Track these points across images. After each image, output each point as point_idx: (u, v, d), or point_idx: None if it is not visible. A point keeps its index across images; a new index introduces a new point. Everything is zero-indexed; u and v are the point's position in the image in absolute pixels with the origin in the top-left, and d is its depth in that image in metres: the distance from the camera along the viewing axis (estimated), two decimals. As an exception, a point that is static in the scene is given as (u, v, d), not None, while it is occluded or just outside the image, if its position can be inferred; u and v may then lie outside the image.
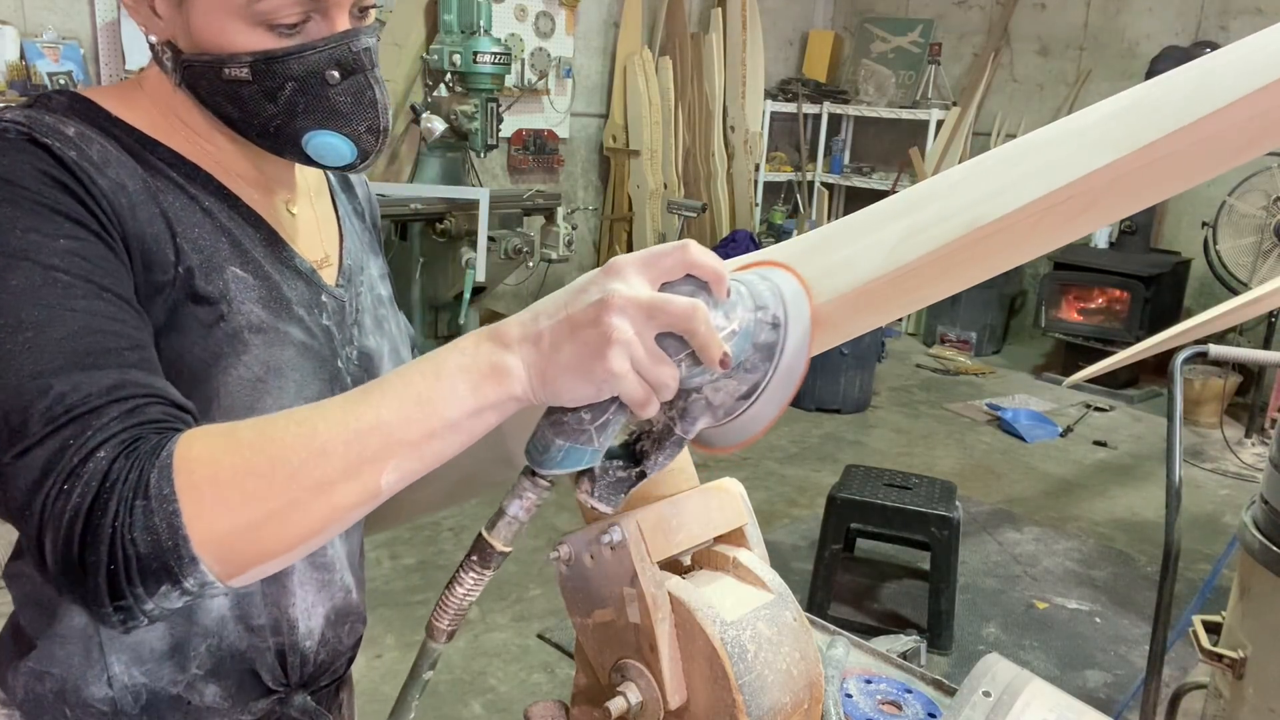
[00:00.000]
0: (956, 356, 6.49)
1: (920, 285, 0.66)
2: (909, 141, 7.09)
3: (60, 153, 0.71)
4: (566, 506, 3.87)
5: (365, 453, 0.59)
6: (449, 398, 0.59)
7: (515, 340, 0.60)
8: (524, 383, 0.60)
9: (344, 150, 0.81)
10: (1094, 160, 0.58)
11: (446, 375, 0.60)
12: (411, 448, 0.60)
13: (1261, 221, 5.13)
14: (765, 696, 0.70)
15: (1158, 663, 2.03)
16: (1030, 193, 0.59)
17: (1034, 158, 0.61)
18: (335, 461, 0.59)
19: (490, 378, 0.60)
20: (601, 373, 0.57)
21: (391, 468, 0.60)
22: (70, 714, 0.84)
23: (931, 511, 3.00)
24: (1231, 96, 0.54)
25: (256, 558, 0.60)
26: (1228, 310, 1.90)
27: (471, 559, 0.64)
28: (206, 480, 0.58)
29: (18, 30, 4.05)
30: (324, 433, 0.59)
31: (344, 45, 0.78)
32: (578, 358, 0.58)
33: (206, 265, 0.78)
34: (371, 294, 0.98)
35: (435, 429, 0.60)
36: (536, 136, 5.99)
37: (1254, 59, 0.55)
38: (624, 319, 0.57)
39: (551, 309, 0.60)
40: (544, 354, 0.59)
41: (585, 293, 0.59)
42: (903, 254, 0.62)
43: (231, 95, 0.78)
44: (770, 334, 0.62)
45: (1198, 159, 0.59)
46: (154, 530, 0.57)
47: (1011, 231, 0.61)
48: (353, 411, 0.60)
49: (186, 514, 0.57)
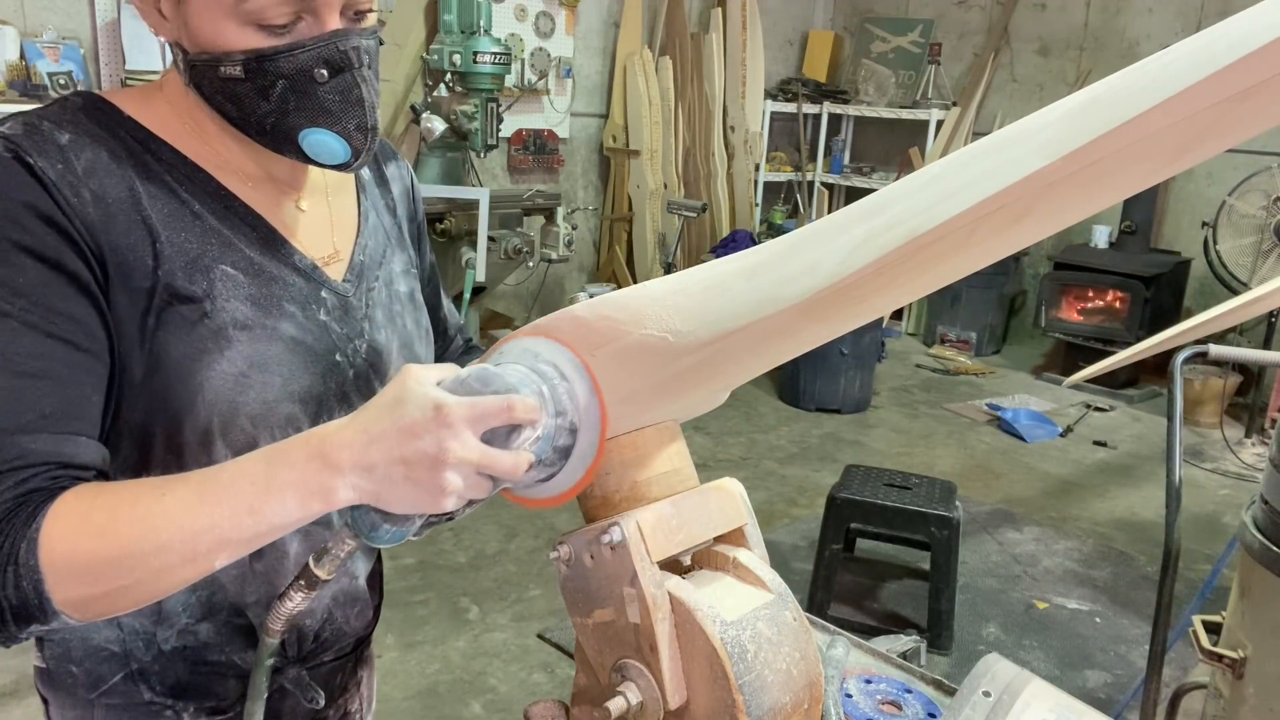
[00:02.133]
0: (956, 356, 6.49)
1: (868, 295, 0.65)
2: (909, 141, 7.09)
3: (42, 173, 0.75)
4: (567, 506, 3.86)
5: (199, 549, 0.68)
6: (278, 510, 0.68)
7: (346, 467, 0.66)
8: (350, 500, 0.67)
9: (337, 149, 0.84)
10: (1024, 167, 0.55)
11: (275, 489, 0.67)
12: (242, 544, 0.69)
13: (1261, 221, 5.13)
14: (765, 696, 0.70)
15: (1158, 663, 2.03)
16: (963, 202, 0.57)
17: (980, 163, 0.59)
18: (174, 554, 0.68)
19: (318, 497, 0.67)
20: (434, 507, 0.66)
21: (223, 558, 0.69)
22: (87, 659, 0.92)
23: (931, 511, 3.00)
24: (1149, 103, 0.51)
25: (109, 613, 0.71)
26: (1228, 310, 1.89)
27: (300, 582, 0.72)
28: (64, 559, 0.68)
29: (18, 30, 4.05)
30: (164, 531, 0.68)
31: (332, 44, 0.81)
32: (413, 495, 0.66)
33: (191, 267, 0.82)
34: (388, 289, 1.00)
35: (263, 532, 0.69)
36: (536, 136, 5.99)
37: (1176, 65, 0.52)
38: (457, 475, 0.65)
39: (384, 444, 0.66)
40: (377, 482, 0.66)
41: (418, 439, 0.65)
42: (851, 263, 0.61)
43: (229, 93, 0.82)
44: (567, 439, 0.71)
45: (1127, 166, 0.57)
46: (22, 591, 0.68)
47: (949, 241, 0.60)
48: (190, 514, 0.68)
49: (48, 583, 0.68)
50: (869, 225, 0.62)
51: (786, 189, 7.49)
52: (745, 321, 0.65)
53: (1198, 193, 6.01)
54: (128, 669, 0.92)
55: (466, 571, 3.41)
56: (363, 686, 1.14)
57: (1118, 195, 0.61)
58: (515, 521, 3.78)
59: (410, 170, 1.13)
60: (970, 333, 6.58)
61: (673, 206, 5.63)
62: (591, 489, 0.78)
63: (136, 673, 0.92)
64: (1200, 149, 0.56)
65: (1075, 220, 0.62)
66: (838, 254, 0.62)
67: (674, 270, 3.39)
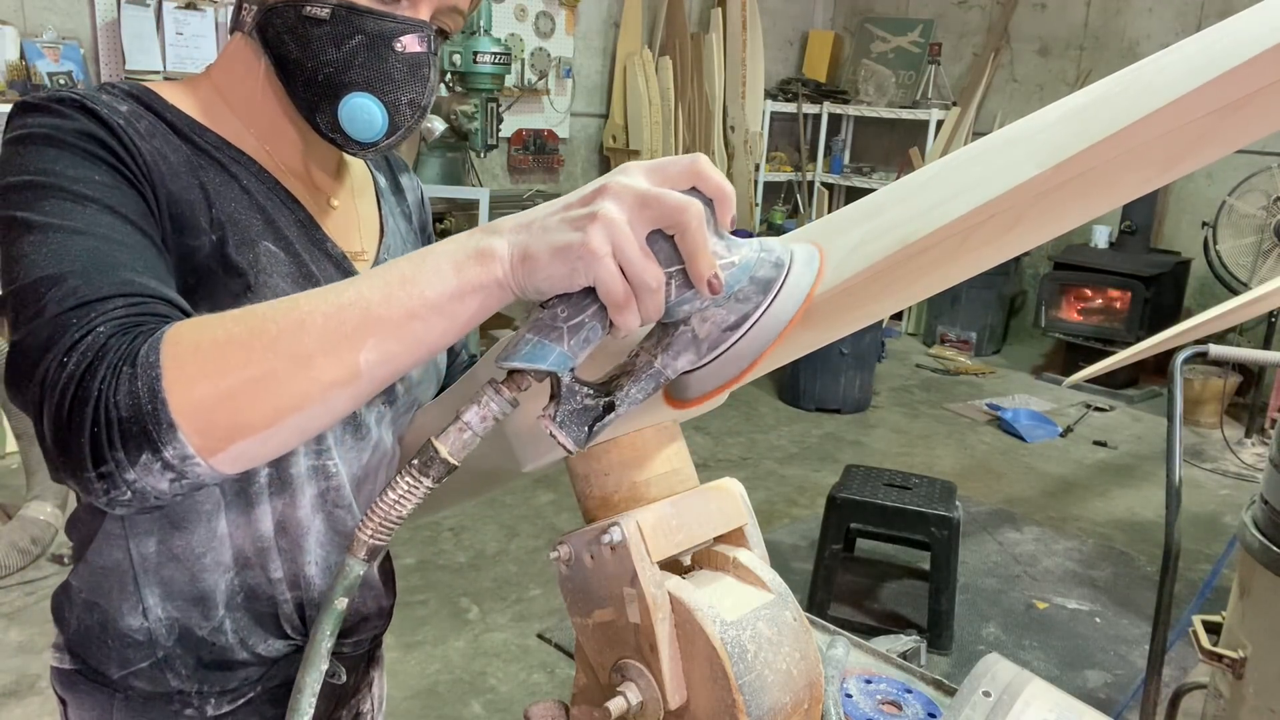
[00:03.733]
0: (956, 356, 6.49)
1: (863, 301, 0.65)
2: (909, 141, 7.10)
3: (108, 118, 0.77)
4: (567, 506, 3.87)
5: (344, 328, 0.58)
6: (431, 276, 0.59)
7: (507, 228, 0.60)
8: (506, 265, 0.58)
9: (376, 118, 0.84)
10: (1016, 175, 0.54)
11: (432, 257, 0.60)
12: (391, 325, 0.59)
13: (1261, 221, 5.13)
14: (765, 696, 0.70)
15: (1158, 663, 2.03)
16: (955, 210, 0.56)
17: (971, 169, 0.58)
18: (313, 334, 0.58)
19: (474, 259, 0.59)
20: (580, 249, 0.56)
21: (370, 346, 0.59)
22: (112, 644, 0.92)
23: (931, 511, 3.00)
24: (1144, 111, 0.51)
25: (235, 430, 0.59)
26: (1228, 310, 1.89)
27: (412, 463, 0.60)
28: (189, 349, 0.59)
29: (18, 30, 4.05)
30: (304, 306, 0.59)
31: (421, 27, 0.84)
32: (562, 234, 0.57)
33: (240, 237, 0.84)
34: None
35: (415, 308, 0.58)
36: (536, 136, 5.99)
37: (1171, 71, 0.51)
38: (615, 203, 0.56)
39: (550, 205, 0.60)
40: (533, 235, 0.58)
41: (586, 189, 0.59)
42: (846, 268, 0.61)
43: (300, 33, 0.83)
44: (771, 270, 0.60)
45: (1120, 174, 0.56)
46: (135, 394, 0.58)
47: (942, 248, 0.59)
48: (336, 288, 0.60)
49: (167, 379, 0.58)
50: (863, 230, 0.62)
51: (786, 189, 7.49)
52: None
53: (1198, 193, 6.02)
54: (154, 657, 0.92)
55: (466, 571, 3.41)
56: (374, 687, 1.15)
57: (1111, 204, 0.60)
58: (515, 521, 3.78)
59: (420, 183, 1.15)
60: (970, 333, 6.59)
61: (673, 206, 5.62)
62: (591, 489, 0.78)
63: (163, 659, 0.93)
64: (1194, 157, 0.56)
65: (1069, 228, 0.62)
66: (832, 259, 0.62)
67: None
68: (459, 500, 1.12)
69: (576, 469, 0.78)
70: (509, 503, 3.90)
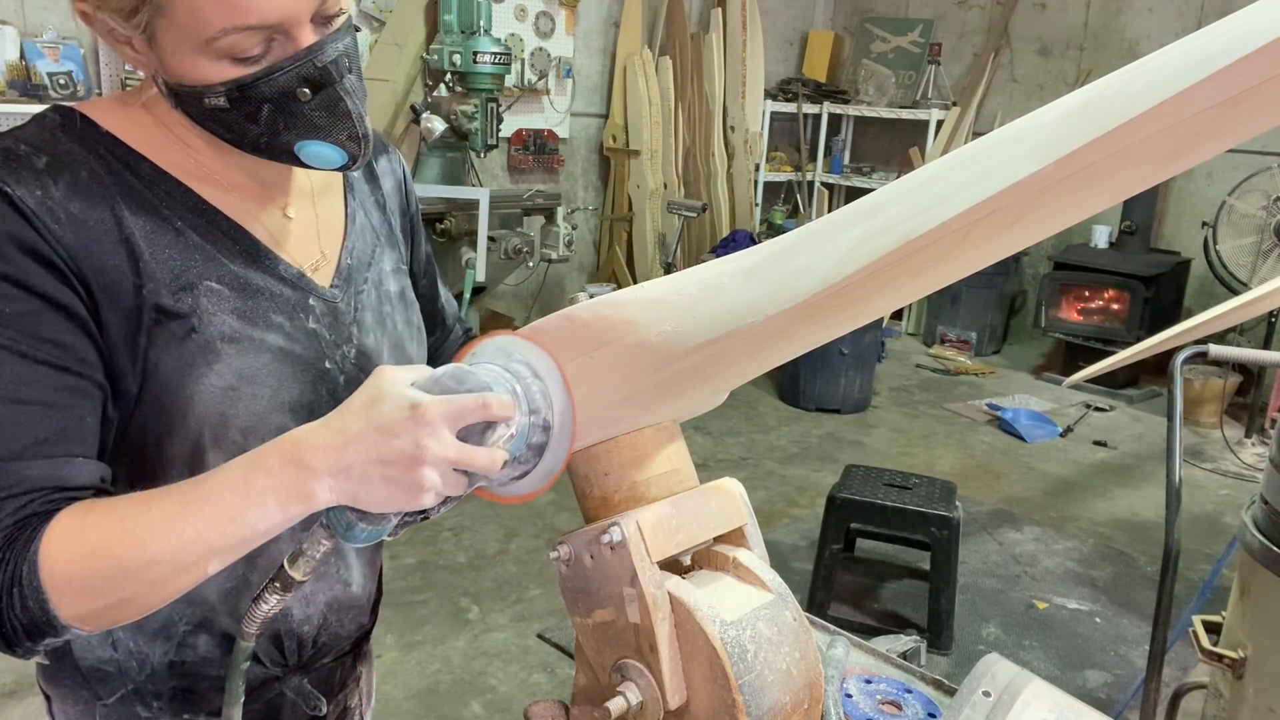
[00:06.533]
0: (956, 356, 6.49)
1: (864, 298, 0.65)
2: (909, 141, 7.09)
3: (19, 202, 0.75)
4: (567, 506, 3.87)
5: (189, 558, 0.70)
6: (259, 515, 0.69)
7: (323, 470, 0.67)
8: (329, 502, 0.68)
9: (333, 156, 0.85)
10: (1017, 172, 0.55)
11: (255, 495, 0.69)
12: (229, 550, 0.71)
13: (1261, 221, 5.13)
14: (765, 696, 0.70)
15: (1158, 663, 2.03)
16: (956, 206, 0.57)
17: (973, 166, 0.59)
18: (164, 566, 0.70)
19: (297, 500, 0.68)
20: (411, 505, 0.67)
21: (213, 564, 0.71)
22: (84, 678, 0.93)
23: (931, 511, 3.00)
24: (1143, 107, 0.51)
25: (119, 622, 0.74)
26: (1228, 310, 1.89)
27: (274, 584, 0.73)
28: (64, 579, 0.70)
29: (18, 30, 4.05)
30: (152, 545, 0.70)
31: (309, 62, 0.79)
32: (390, 494, 0.67)
33: (175, 284, 0.82)
34: (378, 290, 1.00)
35: (248, 537, 0.70)
36: (536, 136, 5.99)
37: (1170, 68, 0.51)
38: (434, 471, 0.66)
39: (360, 445, 0.66)
40: (355, 482, 0.67)
41: (396, 437, 0.65)
42: (847, 266, 0.61)
43: (218, 120, 0.82)
44: (541, 436, 0.72)
45: (1120, 170, 0.56)
46: (30, 611, 0.70)
47: (944, 245, 0.60)
48: (175, 525, 0.70)
49: (53, 601, 0.70)
50: (864, 228, 0.62)
51: (786, 189, 7.49)
52: (742, 323, 0.65)
53: (1198, 193, 6.01)
54: (124, 689, 0.93)
55: (466, 571, 3.41)
56: (362, 682, 1.15)
57: (1111, 199, 0.60)
58: (515, 522, 3.78)
59: (403, 162, 1.12)
60: (970, 333, 6.58)
61: (673, 206, 5.63)
62: (591, 489, 0.78)
63: (133, 692, 0.93)
64: (1194, 152, 0.56)
65: (1070, 224, 0.62)
66: (833, 256, 0.62)
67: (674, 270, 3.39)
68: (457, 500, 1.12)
69: (577, 469, 0.78)
70: (509, 503, 3.89)
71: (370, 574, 1.06)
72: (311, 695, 1.00)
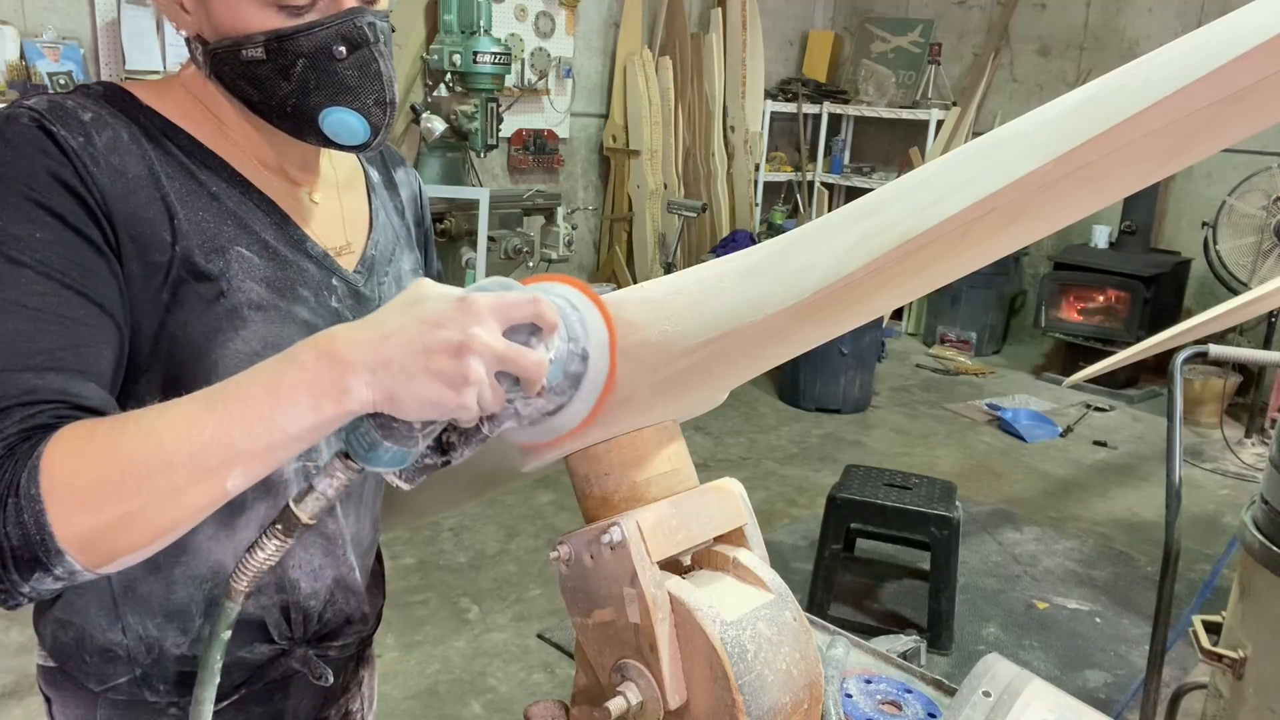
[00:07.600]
0: (956, 356, 6.49)
1: (864, 296, 0.65)
2: (909, 141, 7.09)
3: (63, 141, 0.77)
4: (567, 506, 3.87)
5: (209, 464, 0.63)
6: (290, 413, 0.63)
7: (360, 364, 0.62)
8: (366, 401, 0.62)
9: (357, 127, 0.86)
10: (1017, 170, 0.55)
11: (286, 391, 0.63)
12: (254, 457, 0.64)
13: (1261, 221, 5.13)
14: (765, 696, 0.70)
15: (1158, 663, 2.03)
16: (956, 204, 0.57)
17: (973, 164, 0.59)
18: (181, 472, 0.63)
19: (330, 396, 0.62)
20: (454, 405, 0.61)
21: (235, 474, 0.64)
22: (89, 660, 0.93)
23: (931, 511, 3.00)
24: (1142, 104, 0.51)
25: (116, 552, 0.66)
26: (1228, 310, 1.89)
27: (276, 526, 0.67)
28: (65, 485, 0.64)
29: (18, 30, 4.05)
30: (170, 445, 0.63)
31: (349, 21, 0.83)
32: (433, 388, 0.61)
33: (208, 245, 0.84)
34: (397, 286, 1.02)
35: (276, 441, 0.63)
36: (536, 136, 5.99)
37: (1169, 66, 0.51)
38: (481, 364, 0.61)
39: (403, 336, 0.62)
40: (394, 377, 0.61)
41: (442, 328, 0.61)
42: (847, 264, 0.61)
43: (251, 77, 0.84)
44: (579, 365, 0.69)
45: (1120, 168, 0.56)
46: (24, 525, 0.63)
47: (943, 243, 0.60)
48: (197, 423, 0.64)
49: (51, 513, 0.63)
50: (864, 227, 0.62)
51: (786, 189, 7.49)
52: (742, 322, 0.65)
53: (1198, 193, 6.01)
54: (132, 674, 0.93)
55: (466, 571, 3.41)
56: (364, 686, 1.15)
57: (1111, 197, 0.61)
58: (515, 522, 3.78)
59: (418, 178, 1.15)
60: (970, 333, 6.58)
61: (673, 206, 5.64)
62: (591, 489, 0.78)
63: (141, 677, 0.93)
64: (1193, 150, 0.56)
65: (1069, 222, 0.62)
66: (833, 255, 0.62)
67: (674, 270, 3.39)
68: (461, 501, 1.12)
69: (577, 469, 0.78)
70: (509, 503, 3.90)
71: (365, 567, 1.06)
72: (317, 664, 1.00)
